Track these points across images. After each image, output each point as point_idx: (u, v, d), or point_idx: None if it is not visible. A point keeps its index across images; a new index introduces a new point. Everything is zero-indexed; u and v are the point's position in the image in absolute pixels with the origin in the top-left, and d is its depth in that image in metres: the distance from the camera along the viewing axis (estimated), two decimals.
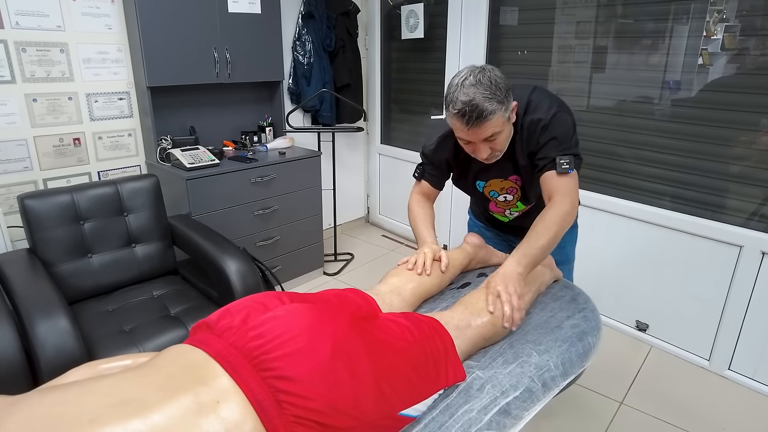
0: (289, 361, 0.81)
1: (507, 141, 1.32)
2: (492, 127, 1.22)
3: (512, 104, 1.25)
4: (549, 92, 1.37)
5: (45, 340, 1.41)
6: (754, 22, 1.92)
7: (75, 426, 0.64)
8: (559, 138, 1.29)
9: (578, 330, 1.27)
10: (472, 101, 1.17)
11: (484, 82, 1.18)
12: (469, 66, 1.23)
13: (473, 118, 1.18)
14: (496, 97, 1.18)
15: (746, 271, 2.03)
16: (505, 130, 1.27)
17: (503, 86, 1.19)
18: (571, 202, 1.28)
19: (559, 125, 1.29)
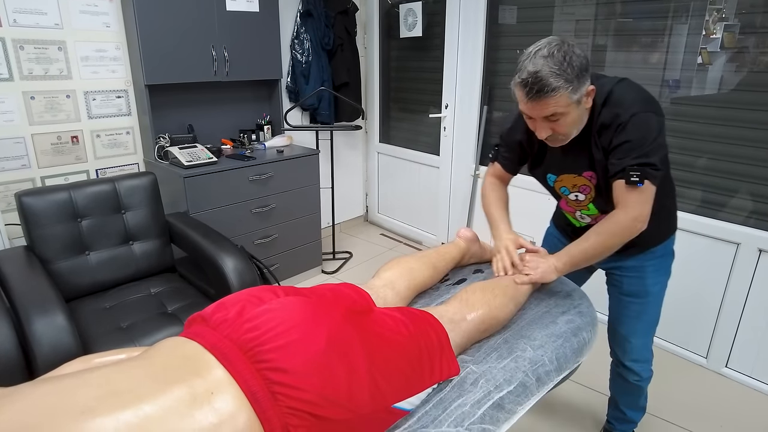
0: (284, 353, 0.81)
1: (574, 126, 1.20)
2: (554, 105, 1.13)
3: (587, 87, 1.14)
4: (639, 87, 1.22)
5: (42, 337, 1.41)
6: (754, 21, 1.92)
7: (66, 416, 0.65)
8: (634, 142, 1.15)
9: (573, 325, 1.27)
10: (538, 73, 1.09)
11: (557, 56, 1.09)
12: (550, 38, 1.15)
13: (533, 91, 1.11)
14: (565, 74, 1.09)
15: (743, 268, 2.04)
16: (572, 113, 1.16)
17: (578, 65, 1.10)
18: (633, 217, 1.19)
19: (637, 127, 1.15)
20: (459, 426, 0.94)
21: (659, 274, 1.44)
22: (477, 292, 1.21)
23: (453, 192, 3.30)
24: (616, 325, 1.54)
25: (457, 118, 3.14)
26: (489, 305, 1.19)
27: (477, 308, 1.17)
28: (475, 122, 3.02)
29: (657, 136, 1.16)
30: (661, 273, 1.45)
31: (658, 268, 1.43)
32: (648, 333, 1.51)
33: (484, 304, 1.18)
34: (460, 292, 1.25)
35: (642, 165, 1.15)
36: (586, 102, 1.17)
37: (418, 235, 3.68)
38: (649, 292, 1.44)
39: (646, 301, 1.46)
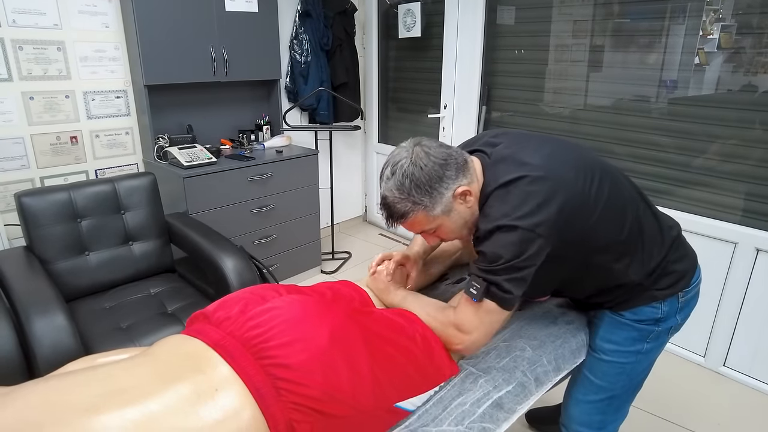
0: (288, 350, 0.82)
1: (460, 229, 1.07)
2: (417, 225, 1.05)
3: (452, 193, 1.01)
4: (538, 185, 0.98)
5: (42, 337, 1.41)
6: (750, 21, 1.93)
7: (71, 414, 0.65)
8: (486, 256, 1.00)
9: (572, 326, 1.28)
10: (385, 199, 1.03)
11: (399, 177, 0.99)
12: (404, 144, 1.04)
13: (388, 216, 1.05)
14: (411, 197, 0.99)
15: (741, 267, 2.05)
16: (446, 222, 1.04)
17: (425, 180, 0.98)
18: (457, 326, 1.04)
19: (494, 242, 0.99)
20: (459, 425, 0.94)
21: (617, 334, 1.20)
22: None
23: None
24: None
25: (455, 118, 3.14)
26: None
27: None
28: (474, 122, 3.03)
29: (514, 258, 0.96)
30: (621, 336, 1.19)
31: (618, 327, 1.19)
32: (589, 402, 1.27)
33: None
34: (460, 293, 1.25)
35: (486, 280, 0.99)
36: (463, 203, 1.03)
37: None
38: (598, 347, 1.23)
39: (596, 358, 1.24)
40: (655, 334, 1.18)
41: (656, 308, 1.15)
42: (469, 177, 1.03)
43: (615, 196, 1.06)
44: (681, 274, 1.16)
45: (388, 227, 1.08)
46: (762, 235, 1.98)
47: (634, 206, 1.10)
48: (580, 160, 1.07)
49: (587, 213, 1.01)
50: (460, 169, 1.02)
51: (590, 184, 1.03)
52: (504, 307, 1.00)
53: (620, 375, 1.22)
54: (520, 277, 0.97)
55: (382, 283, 1.23)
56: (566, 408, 1.34)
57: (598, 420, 1.28)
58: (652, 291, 1.13)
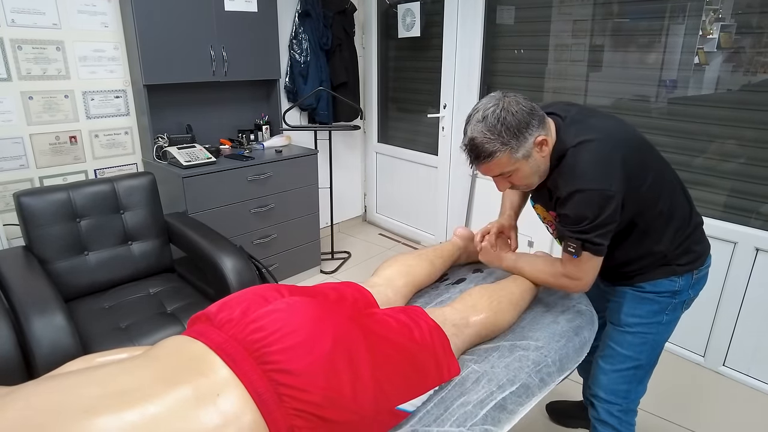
0: (290, 355, 0.81)
1: (532, 177, 1.19)
2: (497, 167, 1.14)
3: (533, 140, 1.12)
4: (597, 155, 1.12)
5: (41, 337, 1.41)
6: (750, 21, 1.93)
7: (70, 416, 0.64)
8: (572, 218, 1.15)
9: (574, 324, 1.28)
10: (474, 140, 1.12)
11: (490, 120, 1.09)
12: (493, 94, 1.15)
13: (473, 157, 1.14)
14: (501, 138, 1.09)
15: (740, 267, 2.05)
16: (522, 168, 1.15)
17: (514, 124, 1.09)
18: (569, 276, 1.21)
19: (576, 205, 1.13)
20: (461, 426, 0.94)
21: (640, 308, 1.32)
22: (483, 298, 1.21)
23: (451, 192, 3.30)
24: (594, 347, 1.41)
25: (455, 118, 3.14)
26: (494, 311, 1.19)
27: (481, 313, 1.17)
28: None
29: (597, 217, 1.11)
30: (644, 310, 1.32)
31: (640, 302, 1.32)
32: (616, 371, 1.37)
33: (488, 310, 1.18)
34: (464, 295, 1.25)
35: (579, 239, 1.15)
36: (539, 152, 1.15)
37: (416, 234, 3.69)
38: (623, 322, 1.34)
39: (621, 331, 1.35)
40: (672, 306, 1.31)
41: (674, 281, 1.29)
42: (546, 129, 1.16)
43: (661, 167, 1.24)
44: (699, 254, 1.31)
45: (470, 168, 1.19)
46: (761, 234, 1.98)
47: (675, 184, 1.27)
48: (638, 134, 1.25)
49: (644, 171, 1.17)
50: (542, 121, 1.14)
51: (644, 151, 1.22)
52: (599, 255, 1.16)
53: (644, 345, 1.34)
54: (606, 231, 1.14)
55: (491, 254, 1.43)
56: (596, 377, 1.43)
57: (624, 389, 1.39)
58: (673, 265, 1.27)
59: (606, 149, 1.13)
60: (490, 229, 1.46)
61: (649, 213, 1.21)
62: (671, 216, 1.24)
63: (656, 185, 1.20)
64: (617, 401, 1.39)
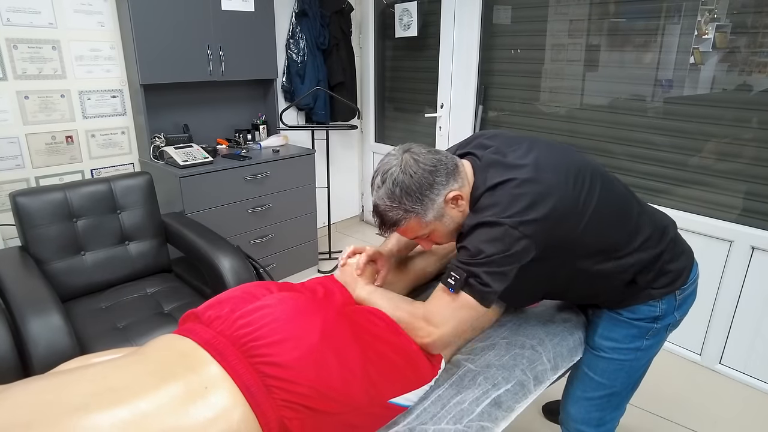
0: (279, 348, 0.82)
1: (453, 233, 1.07)
2: (410, 232, 1.05)
3: (444, 198, 1.00)
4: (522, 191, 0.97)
5: (37, 338, 1.40)
6: (745, 21, 1.94)
7: (60, 413, 0.65)
8: (469, 251, 0.97)
9: (570, 323, 1.28)
10: (377, 208, 1.03)
11: (389, 186, 0.99)
12: (393, 151, 1.04)
13: (381, 224, 1.05)
14: (402, 205, 0.99)
15: (736, 265, 2.06)
16: (439, 227, 1.04)
17: (414, 188, 0.98)
18: (426, 318, 1.00)
19: (478, 237, 0.97)
20: (458, 423, 0.94)
21: (616, 332, 1.20)
22: None
23: None
24: None
25: (452, 117, 3.14)
26: None
27: None
28: (471, 122, 3.03)
29: (494, 254, 0.94)
30: (620, 333, 1.20)
31: (617, 324, 1.20)
32: (587, 399, 1.27)
33: None
34: None
35: (465, 270, 0.96)
36: (455, 207, 1.03)
37: None
38: (597, 345, 1.23)
39: (595, 354, 1.24)
40: (653, 331, 1.18)
41: (654, 306, 1.15)
42: (460, 181, 1.03)
43: (607, 198, 1.06)
44: (678, 273, 1.15)
45: (383, 234, 1.07)
46: (757, 233, 1.99)
47: (627, 207, 1.10)
48: (571, 164, 1.05)
49: (576, 218, 1.00)
50: (451, 173, 1.02)
51: (580, 188, 1.01)
52: (481, 302, 0.97)
53: (619, 372, 1.22)
54: (501, 272, 0.96)
55: (350, 276, 1.21)
56: (565, 406, 1.34)
57: (597, 417, 1.28)
58: (649, 290, 1.13)
59: (526, 189, 0.97)
60: (363, 251, 1.27)
61: (598, 252, 1.06)
62: (629, 246, 1.08)
63: (600, 223, 1.03)
64: (589, 430, 1.29)
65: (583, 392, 1.28)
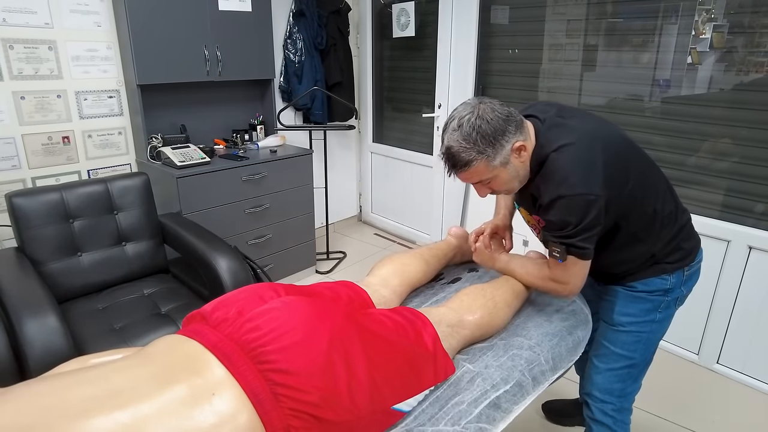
0: (287, 354, 0.81)
1: (512, 182, 1.17)
2: (475, 175, 1.13)
3: (511, 146, 1.10)
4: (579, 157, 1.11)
5: (33, 339, 1.40)
6: (742, 21, 1.94)
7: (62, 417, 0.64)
8: (556, 223, 1.13)
9: (568, 323, 1.28)
10: (450, 149, 1.10)
11: (465, 128, 1.08)
12: (468, 100, 1.13)
13: (450, 167, 1.13)
14: (477, 146, 1.08)
15: (734, 265, 2.06)
16: (501, 174, 1.14)
17: (490, 132, 1.07)
18: (556, 280, 1.20)
19: (560, 211, 1.11)
20: (456, 425, 0.94)
21: (632, 307, 1.32)
22: (478, 298, 1.21)
23: (446, 191, 3.31)
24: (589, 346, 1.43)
25: None
26: (488, 311, 1.19)
27: (476, 314, 1.17)
28: None
29: (581, 222, 1.09)
30: (636, 308, 1.31)
31: (632, 300, 1.32)
32: (610, 370, 1.37)
33: (483, 310, 1.18)
34: (459, 294, 1.25)
35: (564, 243, 1.13)
36: (518, 157, 1.13)
37: (411, 234, 3.69)
38: (616, 321, 1.34)
39: (614, 330, 1.35)
40: (665, 303, 1.31)
41: (665, 280, 1.28)
42: (525, 134, 1.14)
43: (646, 167, 1.23)
44: (688, 251, 1.30)
45: (449, 176, 1.16)
46: (754, 232, 1.99)
47: (660, 181, 1.25)
48: (619, 133, 1.23)
49: (627, 172, 1.15)
50: (519, 126, 1.12)
51: (628, 151, 1.20)
52: (584, 259, 1.15)
53: (638, 343, 1.34)
54: (590, 235, 1.12)
55: (485, 255, 1.40)
56: (590, 377, 1.43)
57: (619, 388, 1.38)
58: (663, 264, 1.27)
59: (586, 152, 1.11)
60: (485, 230, 1.45)
61: (634, 214, 1.19)
62: (657, 216, 1.22)
63: (640, 186, 1.18)
64: (611, 400, 1.39)
65: (606, 364, 1.38)
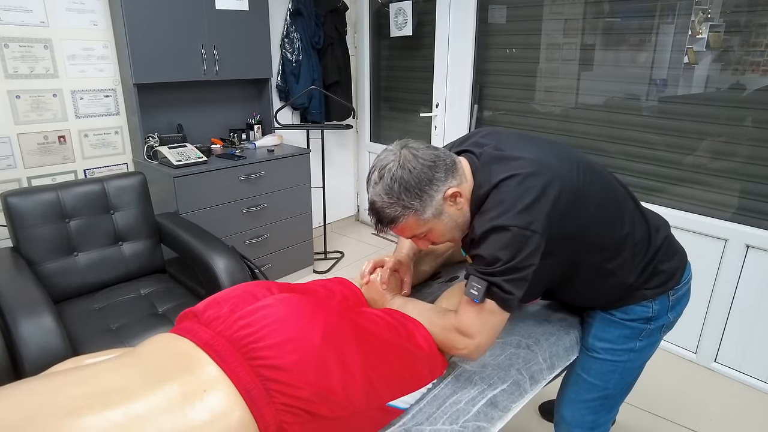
0: (279, 351, 0.80)
1: (452, 231, 1.05)
2: (407, 230, 1.02)
3: (443, 194, 0.98)
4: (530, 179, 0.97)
5: (29, 340, 1.39)
6: (738, 21, 1.94)
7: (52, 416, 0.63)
8: (485, 259, 0.97)
9: (565, 323, 1.28)
10: (374, 204, 0.99)
11: (387, 181, 0.96)
12: (391, 146, 1.01)
13: (378, 222, 1.01)
14: (401, 201, 0.96)
15: (731, 264, 2.06)
16: (437, 226, 1.02)
17: (413, 184, 0.95)
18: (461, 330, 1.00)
19: (491, 244, 0.96)
20: (454, 423, 0.94)
21: (609, 332, 1.20)
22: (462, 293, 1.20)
23: None
24: None
25: (447, 117, 3.14)
26: None
27: None
28: (466, 121, 3.03)
29: (512, 259, 0.94)
30: (613, 334, 1.19)
31: (609, 325, 1.20)
32: (581, 401, 1.27)
33: None
34: (448, 292, 1.25)
35: (487, 281, 0.96)
36: (453, 205, 1.01)
37: None
38: (590, 346, 1.23)
39: (588, 356, 1.24)
40: (647, 331, 1.17)
41: (647, 307, 1.15)
42: (458, 178, 1.01)
43: (607, 194, 1.07)
44: (671, 274, 1.15)
45: (378, 233, 1.05)
46: (752, 231, 1.99)
47: (625, 206, 1.10)
48: (571, 156, 1.07)
49: (582, 205, 1.01)
50: (450, 170, 1.00)
51: (583, 179, 1.02)
52: (505, 309, 0.98)
53: (612, 373, 1.21)
54: (520, 277, 0.96)
55: (377, 293, 1.19)
56: (559, 409, 1.34)
57: (591, 420, 1.28)
58: (642, 290, 1.13)
59: (530, 184, 0.97)
60: (385, 263, 1.25)
61: (597, 248, 1.07)
62: (626, 244, 1.08)
63: (600, 217, 1.04)
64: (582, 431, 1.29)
65: (577, 394, 1.27)
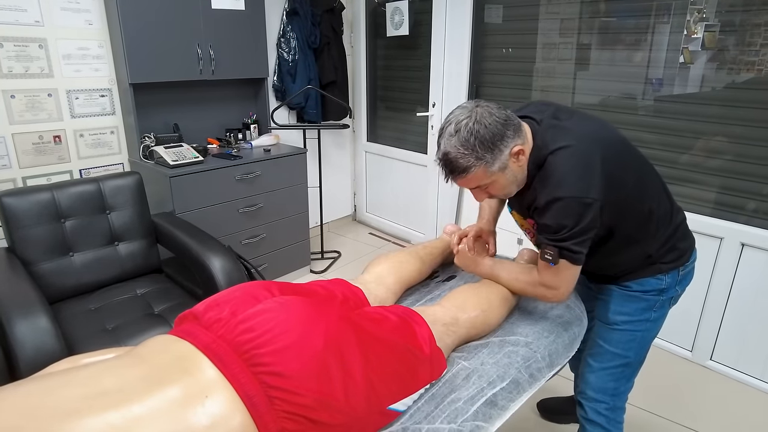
0: (281, 357, 0.80)
1: (509, 187, 1.15)
2: (473, 181, 1.11)
3: (509, 150, 1.08)
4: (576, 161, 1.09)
5: (24, 340, 1.38)
6: (733, 21, 1.95)
7: (50, 418, 0.62)
8: (551, 227, 1.10)
9: (563, 320, 1.28)
10: (447, 155, 1.07)
11: (463, 134, 1.05)
12: (465, 104, 1.11)
13: (447, 173, 1.10)
14: (474, 152, 1.05)
15: (726, 262, 2.07)
16: (499, 179, 1.12)
17: (488, 137, 1.05)
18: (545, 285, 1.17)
19: (555, 214, 1.09)
20: (452, 422, 0.94)
21: (627, 306, 1.31)
22: (472, 296, 1.21)
23: (441, 190, 3.31)
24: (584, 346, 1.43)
25: (444, 116, 3.13)
26: (483, 310, 1.19)
27: (470, 312, 1.17)
28: None
29: (576, 225, 1.07)
30: (631, 307, 1.31)
31: (627, 299, 1.31)
32: (604, 369, 1.37)
33: (477, 309, 1.18)
34: (453, 293, 1.25)
35: (557, 247, 1.11)
36: (516, 162, 1.11)
37: (406, 233, 3.68)
38: (611, 320, 1.33)
39: (609, 328, 1.34)
40: (660, 303, 1.31)
41: (660, 279, 1.28)
42: (523, 138, 1.11)
43: (643, 168, 1.23)
44: (683, 251, 1.30)
45: (446, 181, 1.14)
46: (747, 230, 2.00)
47: (656, 184, 1.25)
48: (618, 135, 1.22)
49: (625, 176, 1.14)
50: (517, 129, 1.10)
51: (627, 152, 1.19)
52: (576, 264, 1.12)
53: (632, 342, 1.33)
54: (584, 239, 1.10)
55: (468, 258, 1.36)
56: (584, 375, 1.42)
57: (612, 387, 1.38)
58: (658, 264, 1.27)
59: (584, 155, 1.10)
60: (468, 232, 1.42)
61: (631, 216, 1.18)
62: (653, 216, 1.21)
63: (637, 188, 1.17)
64: (605, 399, 1.39)
65: (600, 363, 1.37)
